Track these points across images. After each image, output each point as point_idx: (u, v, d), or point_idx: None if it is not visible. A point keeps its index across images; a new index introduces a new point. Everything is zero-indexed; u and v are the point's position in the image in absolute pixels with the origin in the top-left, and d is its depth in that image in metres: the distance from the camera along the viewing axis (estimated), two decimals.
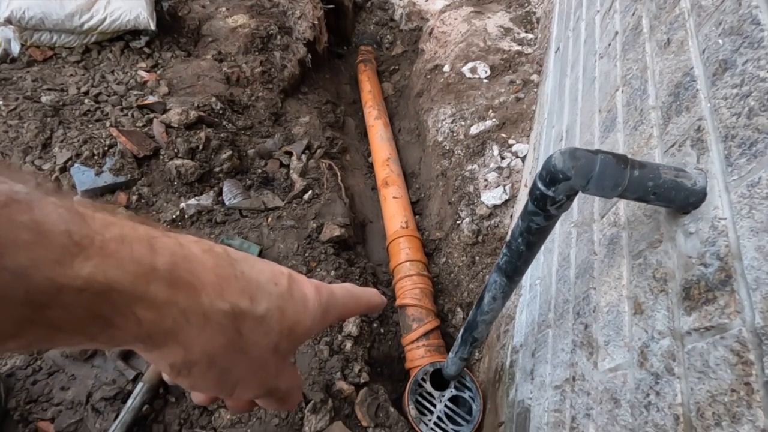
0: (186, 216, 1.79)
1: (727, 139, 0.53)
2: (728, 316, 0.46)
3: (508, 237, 0.77)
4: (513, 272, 0.81)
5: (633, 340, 0.63)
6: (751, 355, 0.42)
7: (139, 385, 1.33)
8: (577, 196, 0.98)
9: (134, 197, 1.80)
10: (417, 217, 2.25)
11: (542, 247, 1.22)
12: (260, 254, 1.69)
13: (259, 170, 2.09)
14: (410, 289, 1.76)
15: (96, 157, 1.79)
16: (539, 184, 0.63)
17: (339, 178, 2.18)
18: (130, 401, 1.30)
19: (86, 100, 2.01)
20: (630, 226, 0.74)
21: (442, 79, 2.53)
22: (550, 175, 0.61)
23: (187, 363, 0.26)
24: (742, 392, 0.41)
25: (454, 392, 1.44)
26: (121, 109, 2.01)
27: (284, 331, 0.30)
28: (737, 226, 0.48)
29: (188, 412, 1.39)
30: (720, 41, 0.60)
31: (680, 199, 0.57)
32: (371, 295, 0.40)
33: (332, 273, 1.73)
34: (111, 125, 1.89)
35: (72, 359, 1.42)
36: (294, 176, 2.10)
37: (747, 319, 0.43)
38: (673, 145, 0.66)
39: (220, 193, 1.93)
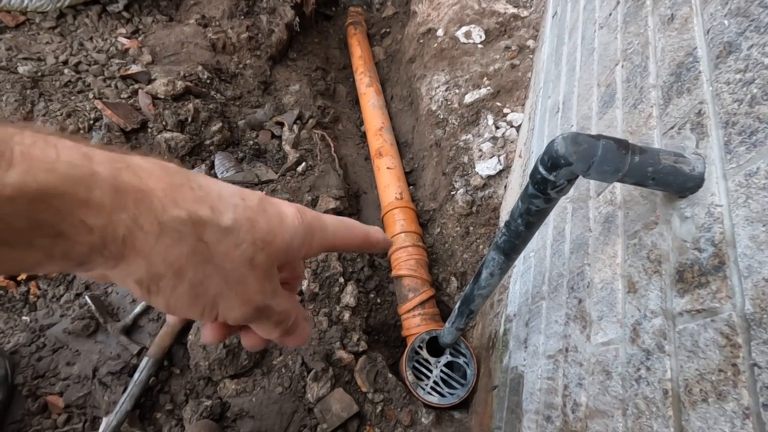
0: None
1: (728, 125, 0.54)
2: (719, 300, 0.48)
3: (506, 214, 0.78)
4: (511, 251, 0.83)
5: (626, 317, 0.66)
6: (739, 338, 0.44)
7: (144, 359, 1.36)
8: None
9: None
10: (411, 187, 2.25)
11: None
12: None
13: (251, 142, 2.05)
14: (405, 260, 1.79)
15: (82, 132, 1.74)
16: (540, 169, 0.64)
17: (332, 148, 2.15)
18: (136, 375, 1.33)
19: (66, 70, 1.93)
20: (626, 205, 0.75)
21: (435, 44, 2.46)
22: (551, 160, 0.61)
23: (153, 276, 0.25)
24: (729, 372, 0.45)
25: (450, 358, 1.51)
26: (104, 80, 1.93)
27: (257, 243, 0.28)
28: (733, 214, 0.50)
29: (193, 383, 1.43)
30: (725, 22, 0.59)
31: (678, 185, 0.58)
32: (371, 230, 0.37)
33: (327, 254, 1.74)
34: (94, 97, 1.83)
35: (74, 335, 1.44)
36: (287, 148, 2.07)
37: (737, 304, 0.46)
38: (672, 127, 0.67)
39: (212, 166, 1.90)
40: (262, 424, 1.38)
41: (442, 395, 1.47)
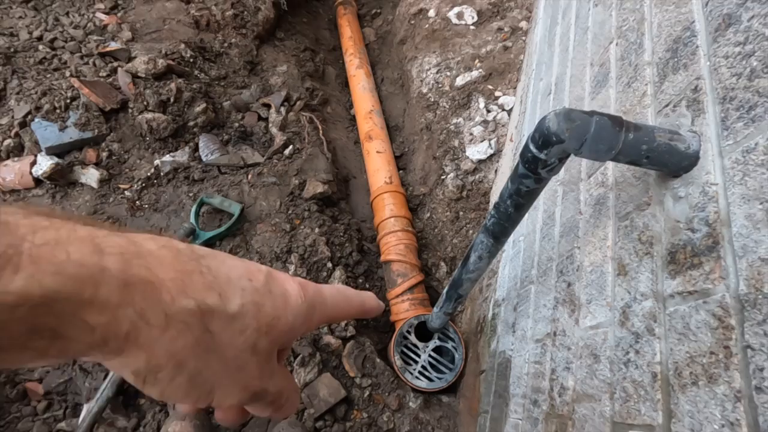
0: (162, 173, 1.72)
1: (725, 101, 0.52)
2: (712, 282, 0.47)
3: (496, 198, 0.76)
4: (500, 233, 0.81)
5: (615, 300, 0.65)
6: (732, 320, 0.43)
7: None
8: None
9: (104, 154, 1.70)
10: (401, 171, 2.22)
11: None
12: (242, 212, 1.65)
13: (237, 124, 2.00)
14: (395, 244, 1.77)
15: (58, 111, 1.67)
16: (531, 147, 0.62)
17: (321, 131, 2.11)
18: None
19: (41, 47, 1.84)
20: (618, 187, 0.74)
21: (426, 25, 2.41)
22: (543, 138, 0.59)
23: (152, 368, 0.24)
24: (720, 355, 0.43)
25: (438, 343, 1.50)
26: (81, 57, 1.85)
27: (262, 328, 0.28)
28: (728, 192, 0.48)
29: None
30: None
31: (673, 163, 0.56)
32: (366, 297, 0.37)
33: (316, 230, 1.72)
34: (71, 75, 1.75)
35: None
36: (273, 130, 2.02)
37: (731, 285, 0.44)
38: (667, 105, 0.64)
39: (196, 148, 1.85)
40: None
41: (430, 380, 1.47)
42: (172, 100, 1.80)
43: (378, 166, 2.06)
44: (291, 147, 1.96)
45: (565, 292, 0.84)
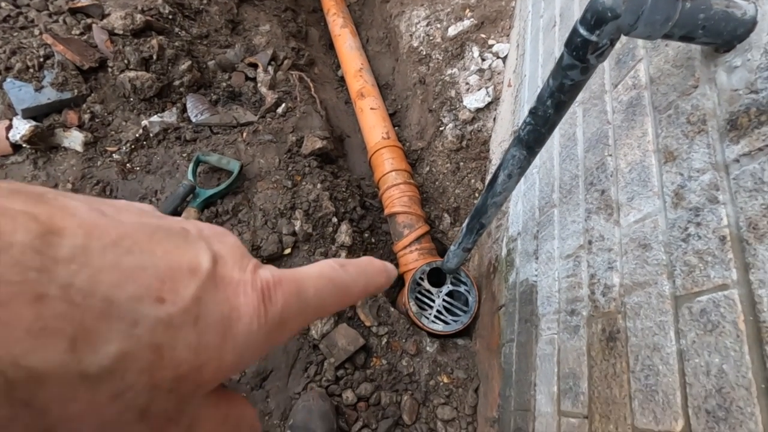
0: (151, 134, 1.63)
1: None
2: None
3: (533, 104, 0.74)
4: (535, 142, 0.80)
5: (664, 186, 0.65)
6: None
7: None
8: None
9: (86, 116, 1.60)
10: (396, 128, 2.19)
11: None
12: (241, 169, 1.59)
13: (224, 84, 1.91)
14: (399, 197, 1.75)
15: (32, 71, 1.55)
16: (581, 30, 0.60)
17: (312, 89, 2.04)
18: None
19: (3, 4, 1.69)
20: (654, 83, 0.73)
21: None
22: (596, 15, 0.57)
23: None
24: None
25: (451, 287, 1.51)
26: (50, 15, 1.72)
27: (162, 384, 0.16)
28: None
29: None
30: None
31: (729, 32, 0.55)
32: (372, 275, 0.24)
33: (318, 186, 1.67)
34: (41, 32, 1.62)
35: None
36: (263, 90, 1.94)
37: None
38: None
39: (184, 109, 1.76)
40: (268, 363, 1.34)
41: (446, 323, 1.48)
42: (154, 57, 1.70)
43: (373, 123, 2.02)
44: (283, 105, 1.89)
45: (598, 201, 0.84)
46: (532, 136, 0.79)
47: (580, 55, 0.62)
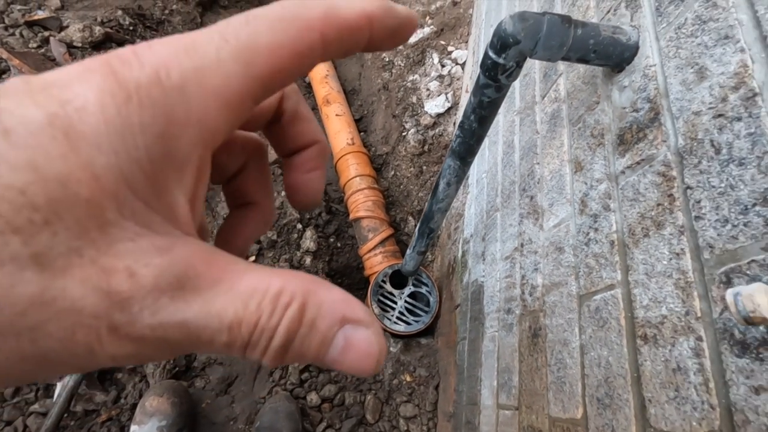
0: None
1: None
2: (656, 146, 0.53)
3: (459, 119, 0.79)
4: (466, 153, 0.85)
5: (574, 194, 0.71)
6: (673, 171, 0.49)
7: None
8: (518, 82, 1.01)
9: None
10: (362, 134, 2.23)
11: (487, 141, 1.29)
12: None
13: None
14: (363, 202, 1.79)
15: None
16: (490, 53, 0.65)
17: None
18: None
19: None
20: (570, 97, 0.79)
21: None
22: (501, 41, 0.62)
23: None
24: (665, 203, 0.49)
25: (413, 289, 1.56)
26: (5, 28, 1.70)
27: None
28: (665, 67, 0.53)
29: None
30: None
31: (617, 55, 0.61)
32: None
33: (282, 193, 1.70)
34: None
35: None
36: None
37: (671, 144, 0.50)
38: (608, 12, 0.70)
39: None
40: (233, 369, 1.37)
41: (408, 323, 1.53)
42: None
43: (338, 129, 2.06)
44: None
45: (528, 206, 0.90)
46: (463, 148, 0.84)
47: (492, 76, 0.67)
